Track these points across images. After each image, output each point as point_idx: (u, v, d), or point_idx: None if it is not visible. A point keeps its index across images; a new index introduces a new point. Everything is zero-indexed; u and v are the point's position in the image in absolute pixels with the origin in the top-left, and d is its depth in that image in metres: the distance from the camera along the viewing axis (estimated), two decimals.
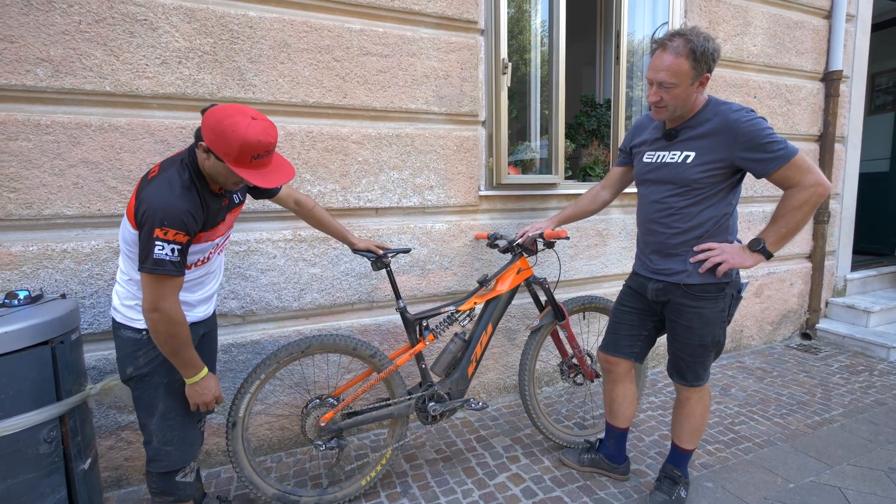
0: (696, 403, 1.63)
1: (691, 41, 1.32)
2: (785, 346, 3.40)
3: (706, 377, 1.61)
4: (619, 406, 1.80)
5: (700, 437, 1.67)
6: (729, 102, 1.43)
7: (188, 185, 1.21)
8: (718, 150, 1.40)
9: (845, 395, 2.56)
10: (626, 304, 1.73)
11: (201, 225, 1.24)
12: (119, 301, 1.32)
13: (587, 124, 3.18)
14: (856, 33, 3.39)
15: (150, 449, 1.33)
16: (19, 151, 1.61)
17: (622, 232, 2.76)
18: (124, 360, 1.31)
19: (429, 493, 1.80)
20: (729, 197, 1.48)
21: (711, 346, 1.54)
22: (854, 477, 1.85)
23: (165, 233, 1.14)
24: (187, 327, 1.25)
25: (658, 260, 1.57)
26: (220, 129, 1.13)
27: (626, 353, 1.73)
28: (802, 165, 1.34)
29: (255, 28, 1.86)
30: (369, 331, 2.20)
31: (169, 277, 1.17)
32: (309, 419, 1.69)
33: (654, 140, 1.57)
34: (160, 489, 1.36)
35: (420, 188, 2.23)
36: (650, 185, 1.57)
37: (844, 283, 3.67)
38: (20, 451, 1.21)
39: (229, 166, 1.15)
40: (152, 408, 1.32)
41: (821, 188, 1.34)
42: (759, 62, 3.06)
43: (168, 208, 1.15)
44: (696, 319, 1.51)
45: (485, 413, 2.43)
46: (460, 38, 2.22)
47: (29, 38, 1.58)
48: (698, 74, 1.36)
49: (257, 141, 1.13)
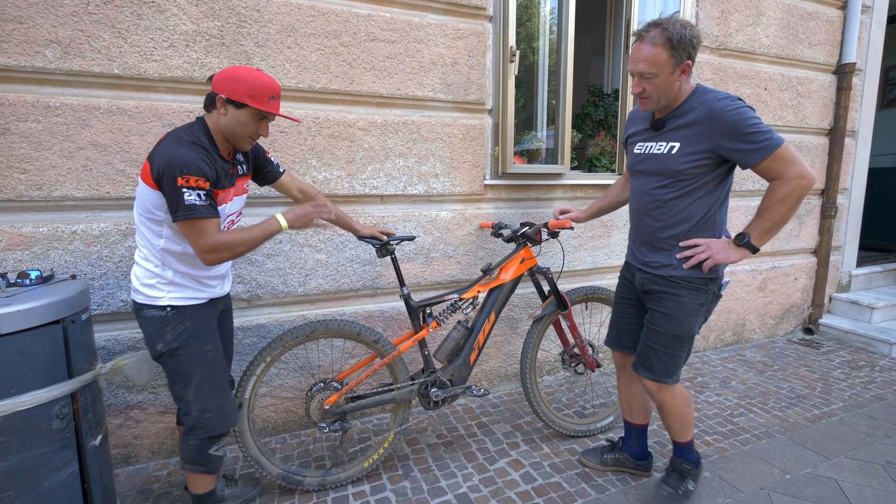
0: (671, 403, 1.58)
1: (667, 30, 1.31)
2: (787, 340, 3.40)
3: (676, 376, 1.55)
4: (636, 402, 1.78)
5: (692, 427, 1.66)
6: (715, 91, 1.40)
7: (195, 141, 1.28)
8: (703, 139, 1.37)
9: (845, 390, 2.57)
10: (622, 296, 1.73)
11: (215, 178, 1.29)
12: (139, 282, 1.36)
13: (594, 114, 3.15)
14: (871, 25, 3.32)
15: (190, 419, 1.39)
16: (29, 133, 1.62)
17: (626, 223, 2.75)
18: (153, 338, 1.36)
19: (430, 476, 1.83)
20: (718, 189, 1.45)
21: (686, 338, 1.52)
22: (851, 469, 1.87)
23: (187, 180, 1.21)
24: (236, 234, 1.32)
25: (647, 252, 1.57)
26: (238, 75, 1.27)
27: (629, 346, 1.71)
28: (787, 157, 1.31)
29: (262, 12, 1.85)
30: (373, 317, 2.22)
31: (205, 219, 1.24)
32: (313, 402, 1.71)
33: (643, 131, 1.56)
34: (194, 458, 1.41)
35: (425, 176, 2.23)
36: (640, 177, 1.56)
37: (849, 278, 3.66)
38: (34, 426, 1.24)
39: (253, 105, 1.27)
40: (187, 379, 1.37)
41: (804, 180, 1.31)
42: (771, 53, 3.01)
43: (183, 158, 1.22)
44: (674, 307, 1.49)
45: (486, 400, 2.46)
46: (468, 24, 2.20)
47: (38, 18, 1.58)
48: (678, 62, 1.34)
49: (270, 82, 1.30)
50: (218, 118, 1.31)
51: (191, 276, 1.38)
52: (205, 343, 1.39)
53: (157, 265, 1.34)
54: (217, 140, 1.33)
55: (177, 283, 1.36)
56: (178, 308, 1.36)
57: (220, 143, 1.34)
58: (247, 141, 1.36)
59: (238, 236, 1.31)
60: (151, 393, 1.89)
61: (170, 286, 1.36)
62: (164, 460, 1.94)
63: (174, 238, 1.32)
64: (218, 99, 1.27)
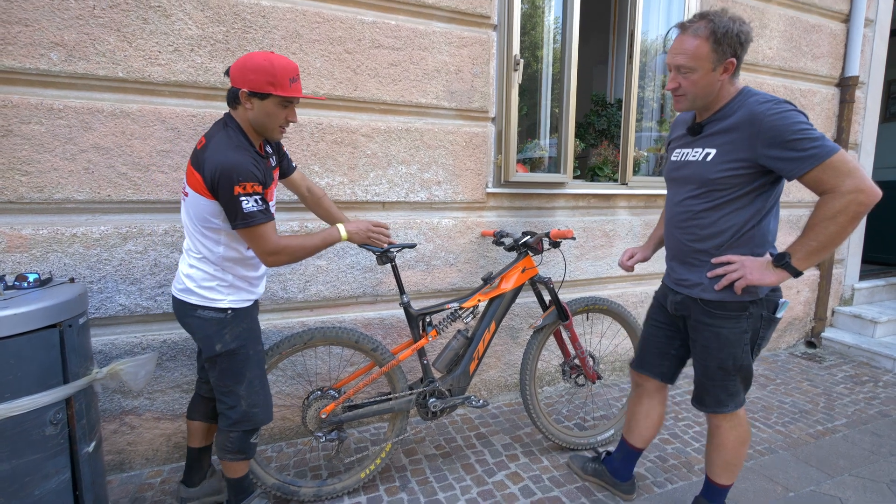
0: (727, 433, 1.44)
1: (713, 21, 1.20)
2: (789, 353, 3.38)
3: (733, 404, 1.41)
4: (639, 423, 1.68)
5: (737, 472, 1.49)
6: (762, 93, 1.25)
7: (240, 144, 1.30)
8: (741, 147, 1.23)
9: (849, 406, 2.54)
10: (653, 318, 1.60)
11: (264, 179, 1.31)
12: (195, 284, 1.37)
13: (597, 124, 3.15)
14: (874, 39, 3.33)
15: (237, 412, 1.43)
16: (32, 135, 1.62)
17: (629, 233, 2.74)
18: (211, 339, 1.38)
19: (427, 488, 1.81)
20: (758, 202, 1.28)
21: (734, 370, 1.37)
22: (855, 488, 1.84)
23: (244, 187, 1.23)
24: (298, 239, 1.37)
25: (678, 268, 1.45)
26: (254, 65, 1.25)
27: (653, 371, 1.60)
28: (841, 168, 1.13)
29: (267, 17, 1.85)
30: (373, 324, 2.21)
31: (262, 225, 1.28)
32: (310, 410, 1.70)
33: (682, 136, 1.43)
34: (237, 448, 1.46)
35: (428, 183, 2.22)
36: (673, 186, 1.45)
37: (852, 292, 3.64)
38: (26, 433, 1.22)
39: (277, 93, 1.26)
40: (241, 377, 1.43)
41: (862, 195, 1.12)
42: (774, 65, 3.02)
43: (236, 165, 1.23)
44: (712, 339, 1.36)
45: (485, 411, 2.43)
46: (473, 33, 2.21)
47: (43, 21, 1.59)
48: (720, 58, 1.22)
49: (288, 63, 1.28)
50: (245, 113, 1.32)
51: (246, 279, 1.44)
52: (258, 343, 1.48)
53: (216, 269, 1.37)
54: (250, 136, 1.35)
55: (236, 286, 1.41)
56: (237, 310, 1.41)
57: (253, 138, 1.36)
58: (278, 131, 1.37)
59: (299, 241, 1.35)
60: (147, 398, 1.87)
61: (230, 289, 1.40)
62: (158, 467, 1.91)
63: (232, 244, 1.36)
64: (241, 94, 1.27)
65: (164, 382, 1.88)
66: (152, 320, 1.86)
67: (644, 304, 2.84)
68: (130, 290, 1.79)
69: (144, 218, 1.80)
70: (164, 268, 1.83)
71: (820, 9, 3.11)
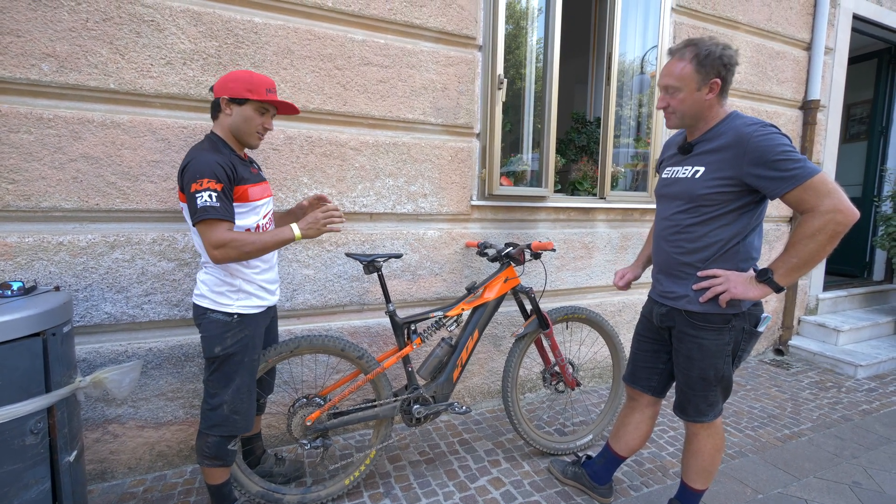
0: (704, 440, 1.51)
1: (697, 46, 1.32)
2: (759, 360, 3.52)
3: (712, 414, 1.48)
4: (627, 433, 1.73)
5: (711, 478, 1.56)
6: (747, 116, 1.34)
7: (213, 147, 1.38)
8: (728, 165, 1.31)
9: (814, 410, 2.67)
10: (641, 334, 1.66)
11: (235, 177, 1.36)
12: (207, 289, 1.43)
13: (577, 140, 3.28)
14: (833, 65, 3.57)
15: (217, 415, 1.45)
16: (20, 144, 1.63)
17: (607, 245, 2.85)
18: (213, 341, 1.42)
19: (411, 494, 1.84)
20: (744, 219, 1.35)
21: (715, 380, 1.42)
22: (819, 490, 1.93)
23: (200, 184, 1.28)
24: (247, 235, 1.36)
25: (664, 280, 1.51)
26: (235, 76, 1.38)
27: (642, 385, 1.65)
28: (821, 188, 1.19)
29: (259, 34, 1.91)
30: (359, 333, 2.24)
31: (216, 221, 1.29)
32: (295, 418, 1.72)
33: (673, 155, 1.52)
34: (213, 454, 1.48)
35: (414, 196, 2.29)
36: (663, 202, 1.52)
37: (816, 302, 3.82)
38: (5, 442, 1.20)
39: (254, 98, 1.37)
40: (230, 381, 1.46)
41: (840, 215, 1.17)
42: (742, 89, 3.20)
43: (196, 164, 1.30)
44: (695, 350, 1.42)
45: (468, 417, 2.47)
46: (459, 52, 2.30)
47: (35, 33, 1.61)
48: (704, 79, 1.32)
49: (265, 78, 1.42)
50: (225, 120, 1.41)
51: (257, 283, 1.47)
52: (254, 352, 1.50)
53: (225, 275, 1.42)
54: (230, 143, 1.43)
55: (245, 290, 1.45)
56: (244, 316, 1.45)
57: (233, 145, 1.44)
58: (255, 136, 1.45)
59: (248, 237, 1.35)
60: (131, 407, 1.86)
61: (239, 294, 1.44)
62: (140, 476, 1.90)
63: None
64: (221, 101, 1.39)
65: (149, 390, 1.88)
66: (138, 328, 1.86)
67: (622, 312, 2.94)
68: (117, 298, 1.80)
69: (133, 227, 1.81)
70: (152, 276, 1.84)
71: (783, 37, 3.32)
